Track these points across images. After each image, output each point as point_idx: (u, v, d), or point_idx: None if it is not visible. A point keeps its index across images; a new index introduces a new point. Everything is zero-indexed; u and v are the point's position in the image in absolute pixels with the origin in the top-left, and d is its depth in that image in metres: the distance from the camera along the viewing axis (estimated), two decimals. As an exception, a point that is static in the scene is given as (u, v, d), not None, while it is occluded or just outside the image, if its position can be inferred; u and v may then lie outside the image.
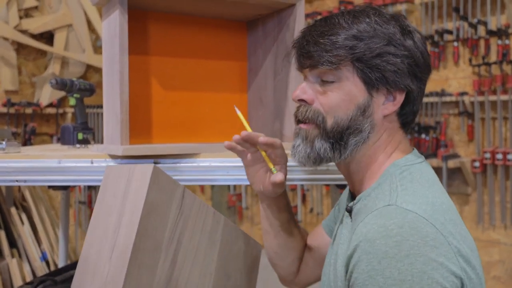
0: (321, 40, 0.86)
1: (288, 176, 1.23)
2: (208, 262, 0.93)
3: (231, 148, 1.00)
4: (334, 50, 0.84)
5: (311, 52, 0.87)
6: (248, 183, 1.09)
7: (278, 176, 0.98)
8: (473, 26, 3.35)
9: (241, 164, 1.12)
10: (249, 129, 1.02)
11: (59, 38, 3.98)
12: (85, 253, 0.82)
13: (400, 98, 0.87)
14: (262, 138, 0.97)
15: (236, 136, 0.97)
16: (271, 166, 1.00)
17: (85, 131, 1.66)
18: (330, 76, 0.86)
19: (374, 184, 0.86)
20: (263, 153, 1.00)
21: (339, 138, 0.87)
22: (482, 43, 3.39)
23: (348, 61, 0.84)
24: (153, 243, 0.80)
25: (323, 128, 0.87)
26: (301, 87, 0.91)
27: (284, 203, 1.10)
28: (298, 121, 0.93)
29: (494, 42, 3.34)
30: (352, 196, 0.97)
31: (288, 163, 1.05)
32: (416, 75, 0.87)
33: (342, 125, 0.86)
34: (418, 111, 0.92)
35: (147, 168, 0.80)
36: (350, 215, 0.90)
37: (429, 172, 0.88)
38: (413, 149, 0.93)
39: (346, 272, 0.78)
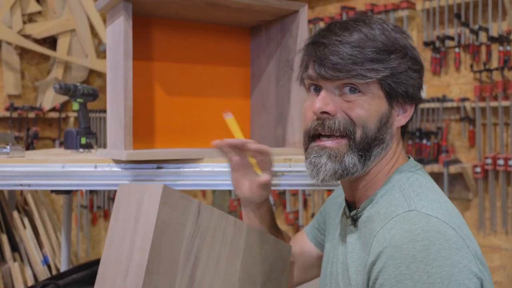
0: (347, 52, 0.83)
1: (289, 181, 1.23)
2: (231, 272, 0.92)
3: (219, 148, 1.01)
4: (366, 63, 0.83)
5: (339, 63, 0.83)
6: None
7: (265, 176, 1.00)
8: (475, 33, 3.36)
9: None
10: (240, 135, 1.03)
11: (62, 43, 4.00)
12: (101, 274, 0.83)
13: (411, 110, 0.89)
14: (253, 145, 0.98)
15: (225, 141, 0.98)
16: (258, 171, 1.01)
17: (88, 135, 1.67)
18: (359, 87, 0.85)
19: (380, 190, 0.87)
20: (251, 159, 1.01)
21: (367, 149, 0.86)
22: (483, 49, 3.40)
23: (381, 74, 0.84)
24: (168, 263, 0.79)
25: (353, 139, 0.85)
26: (321, 98, 0.87)
27: (267, 208, 1.11)
28: (319, 135, 0.89)
29: (496, 48, 3.34)
30: (349, 204, 0.96)
31: (288, 168, 1.06)
32: (421, 87, 0.90)
33: (370, 135, 0.85)
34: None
35: (157, 188, 0.78)
36: (355, 223, 0.90)
37: (429, 178, 0.90)
38: (409, 156, 0.95)
39: (369, 279, 0.78)
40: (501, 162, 3.18)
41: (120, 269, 0.79)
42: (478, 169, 3.31)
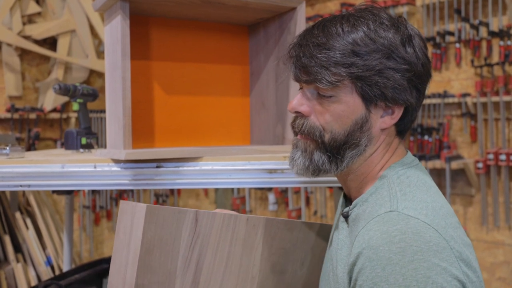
0: (318, 55, 0.83)
1: (291, 179, 1.23)
2: (247, 267, 0.94)
3: None
4: (332, 67, 0.81)
5: (308, 67, 0.84)
6: (251, 186, 1.09)
7: None
8: (475, 28, 3.35)
9: (243, 167, 1.13)
10: None
11: (62, 44, 4.00)
12: (109, 284, 0.88)
13: (399, 112, 0.86)
14: None
15: None
16: None
17: (88, 135, 1.67)
18: (328, 91, 0.84)
19: (371, 188, 0.87)
20: None
21: (336, 152, 0.86)
22: (484, 44, 3.39)
23: (347, 79, 0.82)
24: (161, 276, 0.83)
25: (320, 142, 0.87)
26: (298, 98, 0.89)
27: None
28: (295, 132, 0.91)
29: (496, 43, 3.34)
30: (347, 201, 0.96)
31: (287, 166, 1.05)
32: (416, 87, 0.85)
33: (339, 140, 0.85)
34: (415, 118, 0.91)
35: (141, 209, 0.82)
36: (347, 220, 0.90)
37: (424, 174, 0.88)
38: (407, 151, 0.93)
39: (350, 279, 0.78)
40: (503, 157, 3.17)
41: (119, 280, 0.85)
42: (480, 165, 3.30)
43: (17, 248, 3.28)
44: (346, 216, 0.90)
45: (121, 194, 4.28)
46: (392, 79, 0.82)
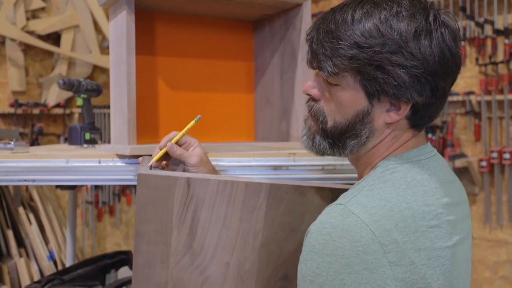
0: (325, 43, 0.82)
1: (294, 175, 1.23)
2: (248, 224, 0.98)
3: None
4: (334, 58, 0.81)
5: (316, 54, 0.84)
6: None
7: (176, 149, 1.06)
8: (480, 26, 3.34)
9: (248, 164, 1.12)
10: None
11: (66, 39, 4.00)
12: None
13: (405, 109, 0.82)
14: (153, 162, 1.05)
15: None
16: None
17: (92, 131, 1.67)
18: (334, 80, 0.84)
19: (361, 179, 0.87)
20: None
21: (337, 140, 0.87)
22: (489, 42, 3.37)
23: (347, 71, 0.81)
24: (158, 225, 0.95)
25: (321, 128, 0.88)
26: (311, 80, 0.90)
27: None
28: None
29: (501, 41, 3.32)
30: None
31: (292, 163, 1.05)
32: (429, 84, 0.80)
33: (340, 128, 0.86)
34: (435, 115, 0.86)
35: (138, 176, 0.95)
36: None
37: (424, 171, 0.84)
38: (426, 142, 0.89)
39: None
40: (507, 155, 3.16)
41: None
42: (484, 163, 3.29)
43: (20, 243, 3.28)
44: None
45: (124, 190, 4.29)
46: (394, 76, 0.78)
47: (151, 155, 1.10)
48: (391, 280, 0.73)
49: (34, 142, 3.81)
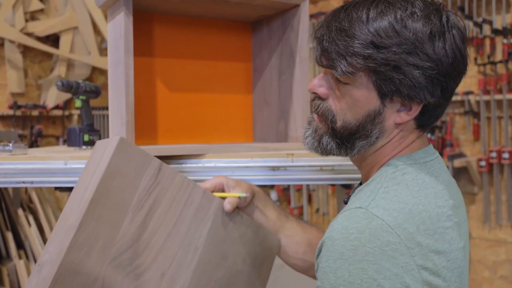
0: (338, 41, 0.80)
1: (292, 176, 1.23)
2: (192, 235, 0.96)
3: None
4: (349, 56, 0.79)
5: (328, 52, 0.82)
6: (253, 183, 1.09)
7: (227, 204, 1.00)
8: (478, 25, 3.34)
9: (246, 164, 1.12)
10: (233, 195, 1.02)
11: (65, 41, 4.00)
12: (66, 207, 0.92)
13: (416, 109, 0.82)
14: (227, 205, 0.99)
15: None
16: (236, 195, 1.01)
17: (91, 132, 1.67)
18: (345, 78, 0.82)
19: (370, 179, 0.85)
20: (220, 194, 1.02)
21: (346, 140, 0.85)
22: (487, 42, 3.38)
23: (362, 70, 0.80)
24: (116, 202, 0.88)
25: (331, 127, 0.86)
26: (318, 78, 0.87)
27: (271, 206, 1.09)
28: (312, 111, 0.91)
29: (500, 41, 3.32)
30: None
31: (290, 163, 1.05)
32: (441, 85, 0.80)
33: (350, 128, 0.84)
34: (440, 115, 0.87)
35: (116, 138, 0.89)
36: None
37: (431, 172, 0.85)
38: (428, 144, 0.89)
39: (316, 263, 0.79)
40: (506, 155, 3.17)
41: (77, 200, 0.89)
42: (483, 163, 3.29)
43: (20, 244, 3.28)
44: (345, 202, 0.91)
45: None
46: (409, 76, 0.77)
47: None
48: (419, 283, 0.73)
49: (33, 144, 3.81)
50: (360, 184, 0.96)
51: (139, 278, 0.89)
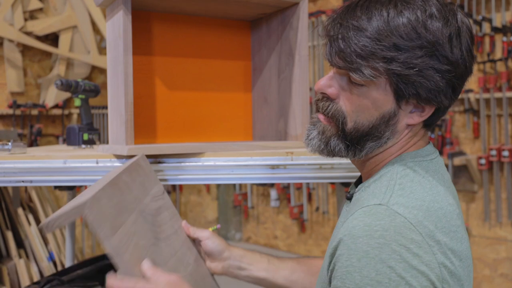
0: (357, 41, 0.76)
1: (291, 174, 1.23)
2: (185, 253, 1.02)
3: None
4: (370, 58, 0.76)
5: (344, 52, 0.78)
6: (253, 182, 1.09)
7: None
8: (478, 23, 3.34)
9: (246, 163, 1.12)
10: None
11: (64, 40, 4.00)
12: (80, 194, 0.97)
13: (429, 111, 0.81)
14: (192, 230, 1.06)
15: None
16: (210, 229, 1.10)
17: (90, 131, 1.67)
18: (361, 80, 0.79)
19: (376, 175, 0.84)
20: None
21: (356, 142, 0.83)
22: (487, 40, 3.37)
23: (382, 72, 0.77)
24: (140, 182, 0.99)
25: (341, 129, 0.83)
26: (327, 78, 0.84)
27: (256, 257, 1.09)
28: (318, 111, 0.87)
29: (499, 39, 3.32)
30: (357, 184, 0.94)
31: (290, 162, 1.04)
32: (454, 87, 0.79)
33: (361, 130, 0.81)
34: (444, 114, 0.87)
35: (134, 158, 1.04)
36: (350, 202, 0.88)
37: (437, 170, 0.84)
38: (429, 142, 0.89)
39: (330, 262, 0.77)
40: (506, 153, 3.16)
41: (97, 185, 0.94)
42: (483, 161, 3.29)
43: (20, 244, 3.28)
44: (349, 198, 0.89)
45: (123, 190, 4.29)
46: (430, 80, 0.76)
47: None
48: (440, 281, 0.72)
49: (33, 143, 3.81)
50: (359, 181, 0.95)
51: (157, 243, 0.94)
